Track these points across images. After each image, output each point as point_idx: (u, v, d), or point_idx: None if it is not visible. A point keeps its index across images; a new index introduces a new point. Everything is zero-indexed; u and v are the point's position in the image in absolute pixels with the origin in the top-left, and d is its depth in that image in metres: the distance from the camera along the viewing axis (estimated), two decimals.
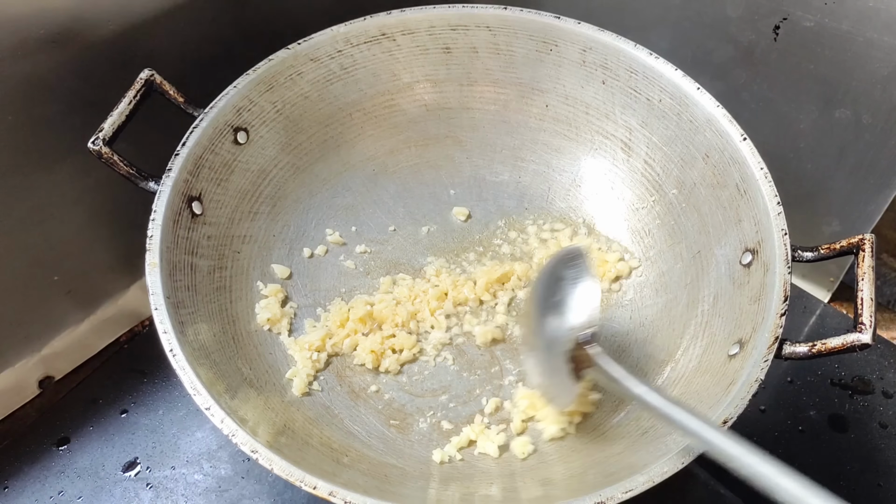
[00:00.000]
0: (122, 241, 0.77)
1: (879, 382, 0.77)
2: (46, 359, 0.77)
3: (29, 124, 0.67)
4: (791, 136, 0.79)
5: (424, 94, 0.83)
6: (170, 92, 0.70)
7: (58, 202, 0.72)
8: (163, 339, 0.57)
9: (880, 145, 0.73)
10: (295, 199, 0.79)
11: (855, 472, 0.71)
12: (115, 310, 0.81)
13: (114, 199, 0.76)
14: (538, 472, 0.62)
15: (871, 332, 0.55)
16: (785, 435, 0.73)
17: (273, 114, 0.76)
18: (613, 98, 0.78)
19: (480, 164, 0.85)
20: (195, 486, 0.69)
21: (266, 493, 0.68)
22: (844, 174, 0.78)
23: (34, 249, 0.72)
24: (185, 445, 0.72)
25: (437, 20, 0.80)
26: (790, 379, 0.77)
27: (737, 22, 0.76)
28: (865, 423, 0.74)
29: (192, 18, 0.74)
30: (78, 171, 0.71)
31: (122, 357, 0.80)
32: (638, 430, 0.61)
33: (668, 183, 0.76)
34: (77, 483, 0.69)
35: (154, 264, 0.61)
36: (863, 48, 0.69)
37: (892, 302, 0.88)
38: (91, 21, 0.67)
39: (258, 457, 0.52)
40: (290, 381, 0.68)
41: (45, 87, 0.66)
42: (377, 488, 0.57)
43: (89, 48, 0.68)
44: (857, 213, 0.79)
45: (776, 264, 0.61)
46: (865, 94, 0.72)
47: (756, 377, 0.55)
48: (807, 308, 0.85)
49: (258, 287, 0.73)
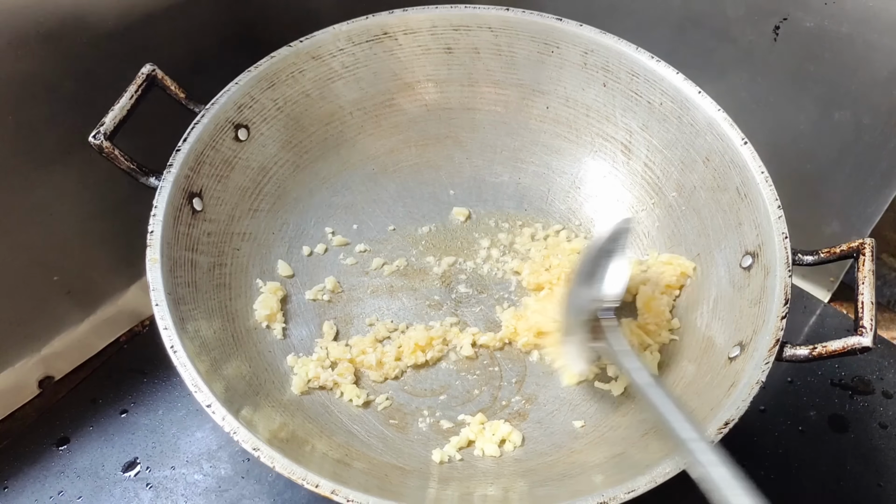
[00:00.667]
0: (122, 241, 0.77)
1: (879, 383, 0.78)
2: (46, 359, 0.76)
3: (29, 124, 0.66)
4: (791, 136, 0.79)
5: (425, 93, 0.83)
6: (171, 87, 0.69)
7: (57, 202, 0.72)
8: (164, 335, 0.57)
9: (880, 146, 0.74)
10: (295, 197, 0.79)
11: (855, 472, 0.71)
12: (115, 310, 0.81)
13: (114, 199, 0.75)
14: (538, 473, 0.62)
15: (872, 336, 0.55)
16: (785, 435, 0.74)
17: (274, 111, 0.76)
18: (614, 101, 0.78)
19: (480, 165, 0.85)
20: (195, 486, 0.69)
21: (266, 492, 0.68)
22: (844, 175, 0.78)
23: (34, 249, 0.72)
24: (185, 445, 0.71)
25: (439, 20, 0.80)
26: (790, 379, 0.78)
27: (737, 23, 0.76)
28: (865, 424, 0.75)
29: (193, 14, 0.74)
30: (78, 171, 0.71)
31: (122, 357, 0.79)
32: (639, 432, 0.61)
33: (668, 186, 0.76)
34: (77, 483, 0.69)
35: (155, 260, 0.61)
36: (863, 50, 0.70)
37: (892, 302, 0.88)
38: (91, 17, 0.67)
39: (260, 455, 0.52)
40: (289, 378, 0.68)
41: (45, 86, 0.66)
42: (378, 487, 0.57)
43: (89, 45, 0.67)
44: (857, 213, 0.79)
45: (777, 268, 0.61)
46: (865, 96, 0.72)
47: (757, 379, 0.55)
48: (807, 308, 0.85)
49: (257, 284, 0.73)
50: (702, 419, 0.55)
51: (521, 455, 0.65)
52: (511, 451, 0.65)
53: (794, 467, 0.71)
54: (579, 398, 0.69)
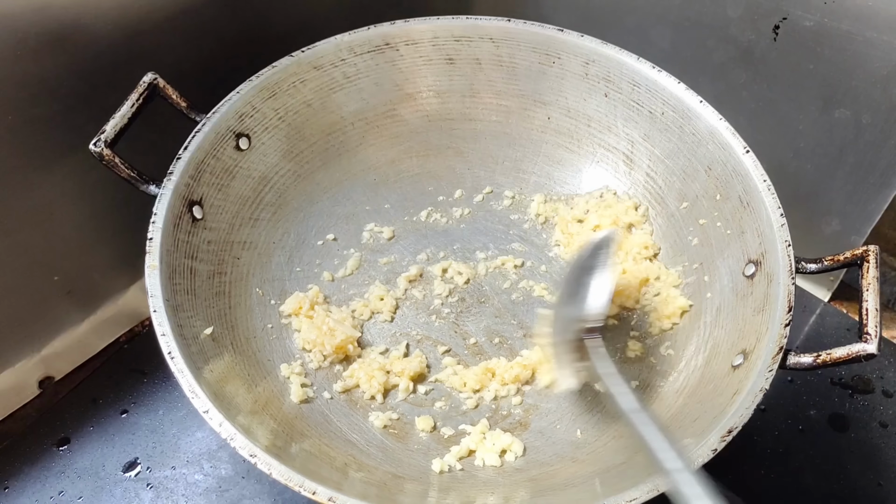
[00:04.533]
0: (122, 242, 0.77)
1: (880, 382, 0.77)
2: (46, 359, 0.76)
3: (29, 124, 0.66)
4: (791, 135, 0.79)
5: (427, 104, 0.83)
6: (172, 96, 0.69)
7: (58, 202, 0.72)
8: (161, 341, 0.57)
9: (880, 145, 0.73)
10: (295, 206, 0.79)
11: (855, 471, 0.71)
12: (115, 310, 0.81)
13: (114, 199, 0.75)
14: (540, 483, 0.61)
15: (877, 343, 0.54)
16: (785, 434, 0.73)
17: (275, 120, 0.76)
18: (615, 111, 0.78)
19: (482, 176, 0.85)
20: (195, 486, 0.68)
21: (266, 493, 0.67)
22: (844, 174, 0.78)
23: (34, 249, 0.71)
24: (186, 445, 0.71)
25: (440, 31, 0.80)
26: (790, 378, 0.77)
27: (737, 22, 0.76)
28: (866, 423, 0.74)
29: (195, 23, 0.74)
30: (78, 171, 0.71)
31: (122, 357, 0.79)
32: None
33: (671, 195, 0.76)
34: (77, 483, 0.68)
35: (154, 267, 0.61)
36: (862, 48, 0.69)
37: (892, 301, 0.87)
38: (91, 22, 0.67)
39: (257, 461, 0.51)
40: (288, 387, 0.67)
41: (45, 88, 0.66)
42: (376, 495, 0.56)
43: (90, 49, 0.68)
44: (857, 212, 0.79)
45: (780, 275, 0.61)
46: (865, 94, 0.72)
47: (760, 387, 0.55)
48: (807, 307, 0.84)
49: (257, 293, 0.72)
50: (705, 427, 0.54)
51: (522, 465, 0.64)
52: (512, 461, 0.64)
53: (794, 466, 0.71)
54: (581, 408, 0.68)
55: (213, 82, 0.73)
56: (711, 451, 0.52)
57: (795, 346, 0.78)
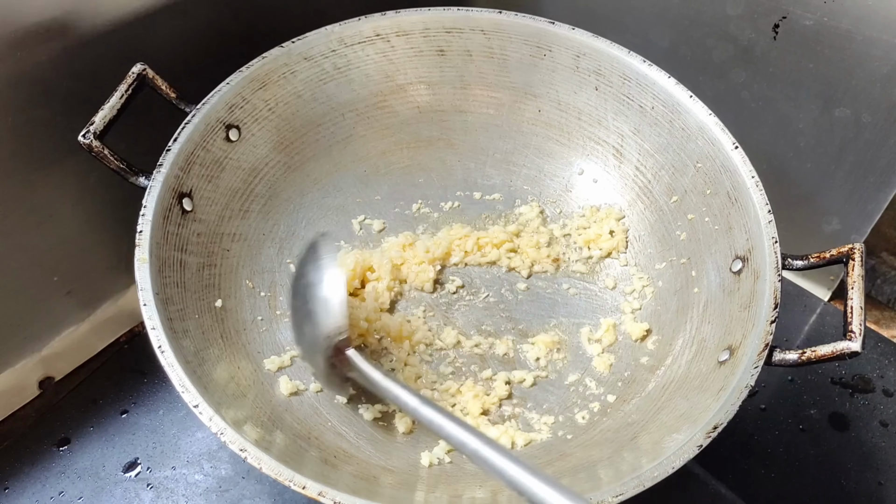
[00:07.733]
0: (122, 242, 0.75)
1: (880, 381, 0.78)
2: (46, 359, 0.76)
3: (28, 125, 0.66)
4: (791, 134, 0.79)
5: (417, 96, 0.83)
6: (162, 87, 0.69)
7: (57, 202, 0.71)
8: (151, 335, 0.57)
9: (880, 144, 0.74)
10: (286, 198, 0.78)
11: (855, 470, 0.71)
12: (115, 310, 0.80)
13: (113, 199, 0.75)
14: None
15: (861, 341, 0.55)
16: (785, 433, 0.74)
17: (265, 112, 0.75)
18: (606, 104, 0.78)
19: (472, 168, 0.85)
20: (196, 486, 0.69)
21: (267, 493, 0.68)
22: (844, 173, 0.78)
23: (34, 249, 0.71)
24: (186, 445, 0.71)
25: (431, 22, 0.80)
26: (791, 377, 0.78)
27: (736, 21, 0.76)
28: (866, 422, 0.75)
29: (186, 14, 0.74)
30: (77, 172, 0.71)
31: (122, 357, 0.79)
32: (628, 435, 0.61)
33: (659, 190, 0.76)
34: (77, 484, 0.69)
35: (143, 260, 0.60)
36: (862, 47, 0.70)
37: (892, 300, 0.88)
38: (83, 15, 0.66)
39: (247, 455, 0.51)
40: (277, 380, 0.67)
41: (44, 88, 0.65)
42: (366, 489, 0.57)
43: (82, 43, 0.67)
44: (857, 211, 0.79)
45: (766, 272, 0.61)
46: (865, 93, 0.72)
47: (746, 383, 0.55)
48: (807, 307, 0.85)
49: (247, 285, 0.72)
50: (691, 423, 0.55)
51: None
52: None
53: (794, 466, 0.71)
54: (571, 401, 0.69)
55: (202, 73, 0.73)
56: (697, 448, 0.52)
57: (796, 344, 0.78)
